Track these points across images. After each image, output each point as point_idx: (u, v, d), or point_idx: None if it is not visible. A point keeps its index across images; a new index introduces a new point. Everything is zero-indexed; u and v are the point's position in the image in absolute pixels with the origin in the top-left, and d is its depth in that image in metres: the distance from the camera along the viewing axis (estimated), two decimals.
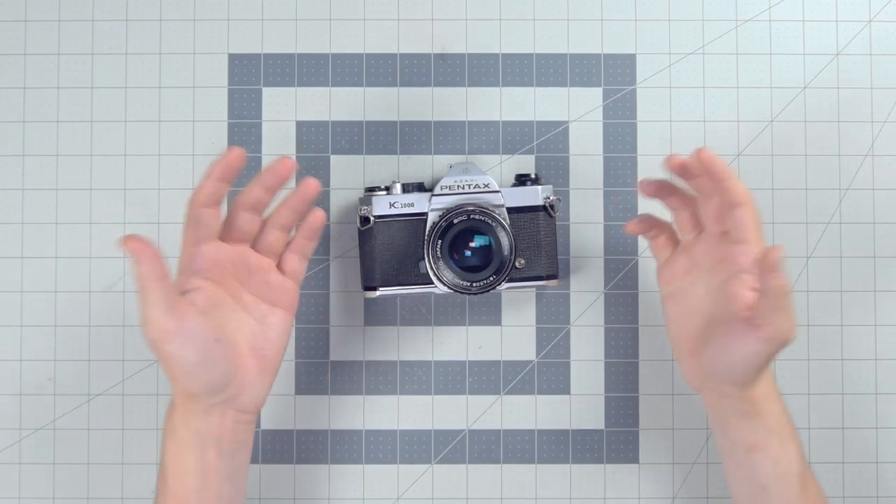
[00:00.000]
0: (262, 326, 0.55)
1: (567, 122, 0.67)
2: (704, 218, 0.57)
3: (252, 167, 0.67)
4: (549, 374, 0.67)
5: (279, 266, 0.57)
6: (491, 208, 0.61)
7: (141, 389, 0.67)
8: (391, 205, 0.63)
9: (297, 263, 0.57)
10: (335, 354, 0.67)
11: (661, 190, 0.59)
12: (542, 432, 0.67)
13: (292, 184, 0.57)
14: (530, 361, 0.67)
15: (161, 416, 0.67)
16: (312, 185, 0.56)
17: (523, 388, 0.67)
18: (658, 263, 0.60)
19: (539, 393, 0.67)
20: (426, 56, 0.67)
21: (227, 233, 0.54)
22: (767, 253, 0.50)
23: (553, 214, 0.63)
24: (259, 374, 0.55)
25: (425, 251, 0.61)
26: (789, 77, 0.67)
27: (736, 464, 0.56)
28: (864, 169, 0.68)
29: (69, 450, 0.67)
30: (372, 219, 0.63)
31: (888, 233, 0.67)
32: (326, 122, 0.67)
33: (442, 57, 0.67)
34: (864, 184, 0.67)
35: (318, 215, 0.57)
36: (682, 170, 0.57)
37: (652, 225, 0.60)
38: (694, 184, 0.57)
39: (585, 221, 0.67)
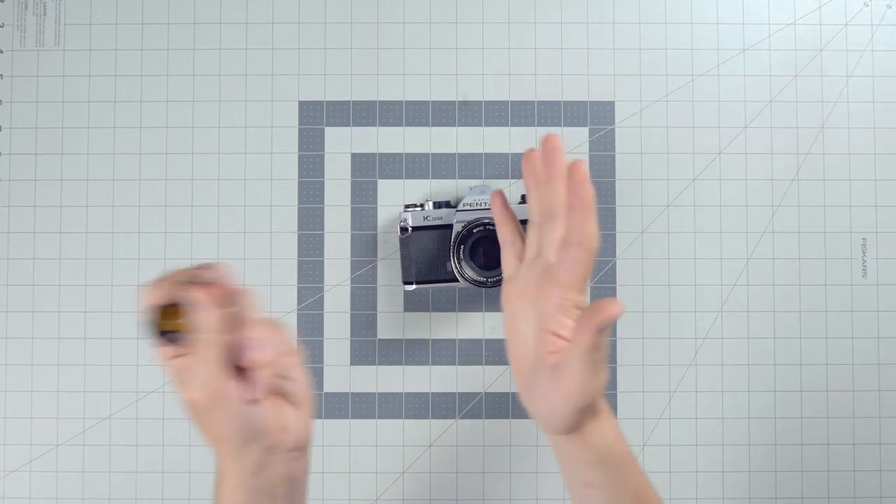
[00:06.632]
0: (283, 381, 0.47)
1: None
2: (542, 240, 0.46)
3: (317, 190, 0.71)
4: None
5: None
6: None
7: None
8: (424, 218, 0.67)
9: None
10: (381, 334, 0.71)
11: (503, 215, 0.50)
12: None
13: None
14: None
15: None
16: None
17: None
18: (503, 277, 0.51)
19: None
20: (451, 103, 0.72)
21: None
22: (602, 309, 0.39)
23: None
24: (294, 412, 0.46)
25: (451, 254, 0.65)
26: (733, 120, 0.72)
27: (573, 493, 0.49)
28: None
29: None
30: (409, 229, 0.67)
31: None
32: (374, 154, 0.72)
33: (464, 104, 0.72)
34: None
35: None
36: (537, 168, 0.47)
37: (511, 228, 0.50)
38: (546, 200, 0.46)
39: None
